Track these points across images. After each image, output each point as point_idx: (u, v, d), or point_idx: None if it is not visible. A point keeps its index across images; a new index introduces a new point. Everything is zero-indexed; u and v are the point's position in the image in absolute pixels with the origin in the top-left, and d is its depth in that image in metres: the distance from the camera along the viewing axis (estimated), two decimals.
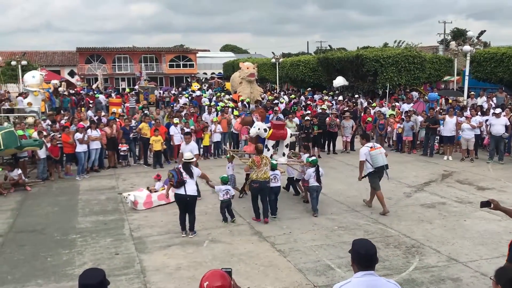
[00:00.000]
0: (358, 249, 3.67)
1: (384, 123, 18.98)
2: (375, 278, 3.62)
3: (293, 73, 37.07)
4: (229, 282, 3.26)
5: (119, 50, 62.80)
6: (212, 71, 66.71)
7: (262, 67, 41.15)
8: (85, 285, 3.30)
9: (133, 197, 11.26)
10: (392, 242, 9.01)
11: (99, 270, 3.48)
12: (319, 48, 73.27)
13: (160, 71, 63.36)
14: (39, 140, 14.14)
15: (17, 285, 7.47)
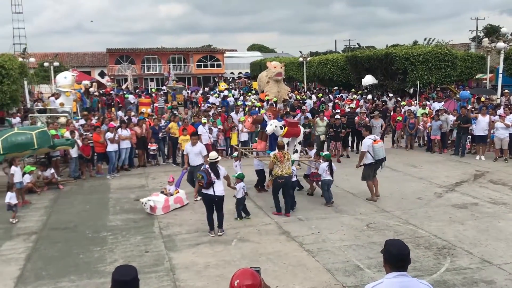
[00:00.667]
0: (391, 250, 3.62)
1: (414, 122, 18.66)
2: (408, 279, 3.57)
3: (320, 72, 36.85)
4: (259, 281, 3.25)
5: (148, 51, 63.67)
6: (239, 70, 66.95)
7: (290, 66, 41.04)
8: (119, 281, 3.33)
9: (152, 203, 11.05)
10: (422, 243, 8.86)
11: (131, 267, 3.52)
12: (347, 47, 72.65)
13: (188, 71, 63.92)
14: (71, 140, 14.46)
15: (52, 281, 7.66)
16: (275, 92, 25.04)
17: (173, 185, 11.71)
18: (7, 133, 13.28)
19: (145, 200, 11.19)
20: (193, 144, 12.16)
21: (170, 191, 11.62)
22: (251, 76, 56.19)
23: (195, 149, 12.03)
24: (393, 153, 18.23)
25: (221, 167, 9.76)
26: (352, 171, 15.04)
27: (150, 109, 25.04)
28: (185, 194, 11.71)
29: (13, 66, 18.00)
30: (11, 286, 7.53)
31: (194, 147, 12.07)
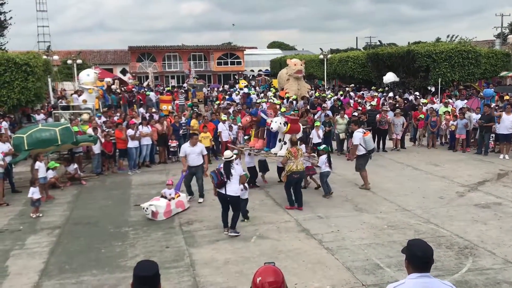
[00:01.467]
0: (415, 251, 3.57)
1: (436, 120, 18.42)
2: (431, 280, 3.54)
3: (341, 69, 36.62)
4: (282, 277, 3.25)
5: (169, 49, 64.13)
6: (259, 68, 66.92)
7: (310, 64, 40.88)
8: (141, 277, 3.37)
9: (154, 208, 10.51)
10: (444, 242, 8.75)
11: (153, 262, 3.55)
12: (369, 44, 71.98)
13: (208, 69, 64.20)
14: (94, 136, 14.69)
15: (74, 275, 7.81)
16: (295, 90, 24.94)
17: (172, 189, 11.22)
18: (31, 129, 13.55)
19: (146, 205, 10.64)
20: (193, 145, 11.66)
21: (171, 195, 11.08)
22: (271, 73, 56.15)
23: (196, 149, 11.65)
24: (415, 151, 18.04)
25: (238, 166, 9.71)
26: (372, 170, 14.93)
27: (171, 107, 25.22)
28: (186, 198, 11.43)
29: (38, 63, 18.32)
30: (35, 279, 7.70)
31: (194, 147, 11.64)
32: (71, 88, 36.29)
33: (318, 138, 16.03)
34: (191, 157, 11.59)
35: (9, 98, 16.98)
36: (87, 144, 14.77)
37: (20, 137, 13.06)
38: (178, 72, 62.00)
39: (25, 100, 17.56)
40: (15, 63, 17.01)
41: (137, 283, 3.37)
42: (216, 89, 38.12)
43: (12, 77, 16.91)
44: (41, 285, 7.47)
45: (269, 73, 58.83)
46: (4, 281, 7.66)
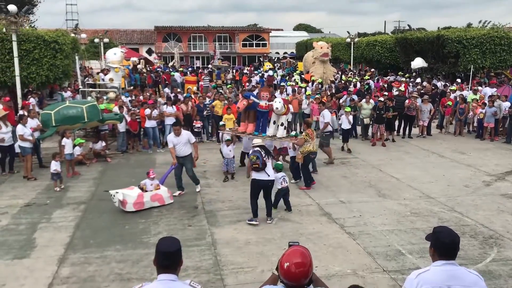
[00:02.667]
0: (442, 237, 3.51)
1: (464, 107, 18.02)
2: (456, 268, 3.48)
3: (368, 54, 36.04)
4: (310, 260, 3.21)
5: (194, 29, 64.09)
6: (284, 50, 66.39)
7: (336, 47, 40.32)
8: (164, 253, 3.41)
9: (122, 196, 9.73)
10: (468, 231, 8.63)
11: (175, 238, 3.58)
12: (397, 28, 70.50)
13: (233, 50, 63.99)
14: (120, 115, 14.86)
15: (99, 249, 7.98)
16: (320, 73, 24.74)
17: (154, 180, 10.41)
18: (59, 106, 13.78)
19: (113, 192, 9.89)
20: (177, 134, 10.77)
21: (152, 185, 10.32)
22: (297, 56, 55.65)
23: (181, 139, 10.75)
24: (441, 138, 17.74)
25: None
26: (397, 156, 14.80)
27: (195, 87, 25.29)
28: (168, 192, 10.41)
29: (66, 41, 18.54)
30: (61, 251, 7.90)
31: (180, 137, 10.76)
32: (97, 66, 36.72)
33: (348, 124, 15.57)
34: (177, 147, 10.76)
35: (38, 75, 17.25)
36: (113, 122, 14.96)
37: (48, 113, 13.30)
38: (203, 53, 62.00)
39: (53, 77, 17.83)
40: (44, 41, 17.24)
41: (160, 258, 3.41)
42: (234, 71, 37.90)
43: (41, 54, 17.16)
44: (67, 258, 7.66)
45: (294, 55, 58.32)
46: (32, 253, 7.89)
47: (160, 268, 3.42)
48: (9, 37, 16.14)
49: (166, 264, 3.41)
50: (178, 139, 10.75)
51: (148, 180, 10.35)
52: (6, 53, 16.48)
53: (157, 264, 3.44)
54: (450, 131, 18.83)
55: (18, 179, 12.37)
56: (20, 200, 10.67)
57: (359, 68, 41.67)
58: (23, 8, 17.80)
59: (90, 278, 6.99)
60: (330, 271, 7.12)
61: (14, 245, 8.19)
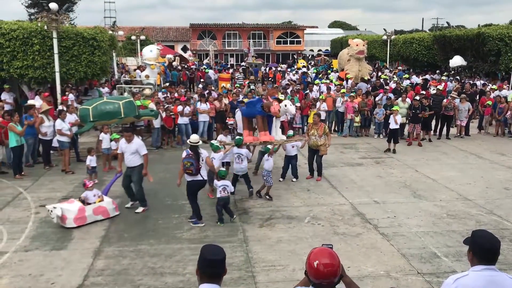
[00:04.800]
0: (482, 242, 3.40)
1: (504, 107, 17.43)
2: (497, 273, 3.37)
3: (405, 51, 35.32)
4: (338, 261, 3.17)
5: (229, 27, 64.31)
6: (319, 48, 65.85)
7: (372, 44, 39.67)
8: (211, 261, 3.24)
9: (60, 212, 8.75)
10: (507, 235, 8.35)
11: (220, 247, 3.40)
12: (435, 25, 68.90)
13: (267, 48, 63.92)
14: (155, 111, 15.07)
15: (133, 243, 8.13)
16: (355, 71, 24.41)
17: (92, 191, 9.34)
18: (97, 101, 14.07)
19: (50, 208, 8.95)
20: (128, 141, 9.69)
21: (89, 199, 9.27)
22: (331, 53, 55.07)
23: (131, 147, 9.61)
24: (480, 139, 17.23)
25: (203, 150, 9.31)
26: (434, 156, 14.48)
27: (229, 85, 25.41)
28: (113, 204, 9.46)
29: (104, 38, 18.90)
30: (96, 244, 8.08)
31: (130, 145, 9.63)
32: (133, 63, 37.33)
33: (395, 123, 15.00)
34: (125, 156, 9.71)
35: (77, 71, 17.67)
36: (149, 118, 15.18)
37: (86, 108, 13.60)
38: (237, 50, 62.15)
39: (91, 73, 18.23)
40: (83, 38, 17.64)
41: (206, 266, 3.23)
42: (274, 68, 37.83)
43: (80, 51, 17.56)
44: (102, 251, 7.83)
45: (329, 53, 57.73)
46: (69, 244, 8.10)
47: (204, 277, 3.24)
48: (50, 34, 16.60)
49: (212, 273, 3.23)
50: (128, 147, 9.62)
51: (89, 192, 9.28)
52: (47, 50, 16.94)
53: (201, 272, 3.25)
54: (490, 131, 18.26)
55: (56, 173, 12.72)
56: (58, 193, 10.97)
57: (396, 66, 40.91)
58: (63, 6, 18.26)
59: (124, 271, 7.12)
60: (363, 272, 7.02)
61: (52, 236, 8.42)
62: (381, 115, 16.87)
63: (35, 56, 16.78)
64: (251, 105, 11.58)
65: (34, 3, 46.90)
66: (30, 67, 16.83)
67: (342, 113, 17.77)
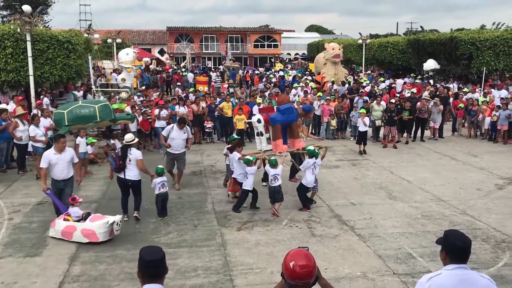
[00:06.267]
0: (454, 241, 3.49)
1: (476, 110, 17.85)
2: (468, 272, 3.46)
3: (380, 55, 35.86)
4: (314, 262, 3.22)
5: (206, 30, 64.31)
6: (296, 51, 66.32)
7: (348, 48, 40.15)
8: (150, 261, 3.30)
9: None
10: (480, 235, 8.55)
11: (158, 247, 3.49)
12: (409, 30, 70.08)
13: (244, 51, 64.08)
14: (131, 114, 14.96)
15: (110, 248, 8.04)
16: (332, 74, 24.68)
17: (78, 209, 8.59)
18: (72, 105, 13.90)
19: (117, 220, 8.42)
20: (60, 151, 8.72)
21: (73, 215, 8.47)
22: (308, 57, 55.51)
23: (65, 157, 8.77)
24: (453, 141, 17.60)
25: (135, 151, 9.37)
26: (408, 158, 14.71)
27: (207, 88, 25.38)
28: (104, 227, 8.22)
29: (79, 41, 18.69)
30: (72, 250, 7.97)
31: (63, 154, 8.73)
32: (110, 66, 36.96)
33: (364, 126, 15.50)
34: (58, 168, 8.74)
35: (52, 75, 17.41)
36: (125, 122, 15.06)
37: (61, 112, 13.42)
38: (215, 53, 62.17)
39: (66, 76, 17.99)
40: (58, 41, 17.40)
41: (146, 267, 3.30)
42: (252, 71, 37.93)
43: (54, 54, 17.31)
44: (78, 256, 7.73)
45: (306, 57, 58.20)
46: (43, 251, 7.97)
47: (146, 277, 3.30)
48: (23, 37, 16.33)
49: (152, 273, 3.29)
50: (61, 157, 8.70)
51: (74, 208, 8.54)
52: (20, 53, 16.66)
53: (142, 273, 3.31)
54: (463, 133, 18.67)
55: (31, 178, 12.50)
56: (33, 198, 10.78)
57: (371, 69, 41.48)
58: (37, 8, 17.99)
59: (100, 276, 7.05)
60: (340, 273, 7.10)
61: (26, 243, 8.27)
62: (357, 118, 17.08)
63: (8, 59, 16.49)
64: (289, 111, 10.98)
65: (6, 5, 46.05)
66: (3, 70, 16.53)
67: (318, 116, 17.92)
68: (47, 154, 8.76)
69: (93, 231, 8.19)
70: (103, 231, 8.20)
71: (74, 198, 8.64)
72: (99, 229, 8.19)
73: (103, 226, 8.22)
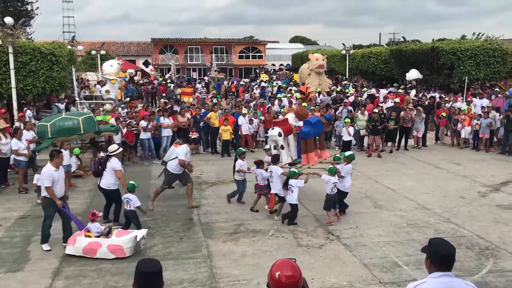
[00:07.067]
0: (439, 249, 3.52)
1: (458, 118, 18.10)
2: (452, 280, 3.48)
3: (363, 65, 36.26)
4: (300, 273, 3.22)
5: (191, 41, 64.35)
6: (280, 62, 66.69)
7: (332, 59, 40.55)
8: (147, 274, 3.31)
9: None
10: (464, 242, 8.63)
11: (155, 260, 3.49)
12: (392, 40, 71.03)
13: (229, 62, 64.23)
14: (116, 126, 14.86)
15: (94, 262, 7.89)
16: (316, 85, 24.86)
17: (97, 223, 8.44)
18: (55, 118, 13.76)
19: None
20: (58, 166, 8.45)
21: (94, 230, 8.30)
22: (293, 68, 55.87)
23: (62, 173, 8.58)
24: (437, 150, 17.81)
25: (113, 160, 9.35)
26: (393, 167, 14.82)
27: (192, 99, 25.35)
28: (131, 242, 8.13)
29: (63, 53, 18.56)
30: (56, 264, 7.85)
31: (60, 171, 8.51)
32: (94, 78, 36.75)
33: (348, 135, 15.73)
34: (60, 185, 8.46)
35: (34, 87, 17.23)
36: (109, 134, 14.94)
37: (44, 125, 13.26)
38: (200, 64, 62.20)
39: (49, 89, 17.82)
40: (41, 53, 17.26)
41: (141, 280, 3.30)
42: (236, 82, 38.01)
43: (37, 66, 17.16)
44: (62, 271, 7.61)
45: (290, 67, 58.54)
46: (26, 266, 7.83)
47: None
48: (5, 49, 16.17)
49: (148, 286, 3.30)
50: (59, 174, 8.42)
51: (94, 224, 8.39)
52: (2, 65, 16.48)
53: (138, 286, 3.31)
54: (446, 142, 18.90)
55: (13, 192, 12.32)
56: (15, 212, 10.62)
57: (355, 80, 41.88)
58: (20, 20, 17.85)
59: None
60: (327, 283, 7.09)
61: (8, 258, 8.13)
62: (341, 128, 17.21)
63: None
64: (318, 123, 11.40)
65: None
66: None
67: None
68: (49, 172, 8.25)
69: (121, 246, 8.02)
70: (130, 246, 8.08)
71: (94, 213, 8.43)
72: (127, 244, 8.05)
73: (131, 241, 8.09)
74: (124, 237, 8.16)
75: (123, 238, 8.12)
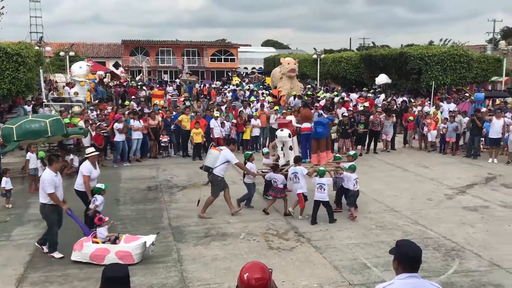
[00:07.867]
0: (406, 251, 3.59)
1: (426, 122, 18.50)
2: (419, 281, 3.55)
3: (334, 70, 36.71)
4: (269, 275, 3.24)
5: (162, 43, 63.91)
6: (253, 65, 66.88)
7: (303, 63, 40.92)
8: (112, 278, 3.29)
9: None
10: (431, 244, 8.81)
11: (123, 265, 3.48)
12: (362, 45, 72.19)
13: (201, 65, 64.04)
14: (84, 129, 14.60)
15: (61, 267, 7.75)
16: (288, 88, 24.97)
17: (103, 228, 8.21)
18: (21, 120, 13.43)
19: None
20: (56, 171, 8.26)
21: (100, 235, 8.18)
22: (265, 71, 56.10)
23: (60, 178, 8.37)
24: (405, 153, 18.14)
25: (84, 164, 9.26)
26: (362, 170, 14.99)
27: (163, 101, 25.13)
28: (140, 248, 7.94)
29: (29, 54, 18.16)
30: (20, 270, 7.64)
31: (58, 176, 8.30)
32: (63, 80, 36.03)
33: None
34: (60, 190, 8.30)
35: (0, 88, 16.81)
36: (78, 137, 14.68)
37: (9, 127, 12.92)
38: (171, 67, 61.82)
39: (15, 90, 17.39)
40: (6, 53, 16.84)
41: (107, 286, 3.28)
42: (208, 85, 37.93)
43: (2, 67, 16.74)
44: (27, 277, 7.42)
45: (262, 71, 58.76)
46: None
47: None
48: None
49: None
50: (58, 179, 8.23)
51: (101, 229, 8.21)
52: None
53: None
54: (414, 145, 19.28)
55: None
56: None
57: (325, 83, 42.35)
58: None
59: None
60: (297, 285, 7.13)
61: None
62: None
63: None
64: (327, 125, 11.99)
65: None
66: None
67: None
68: (50, 178, 7.96)
69: (130, 252, 7.83)
70: (139, 252, 7.90)
71: (101, 218, 8.22)
72: (136, 250, 7.87)
73: (140, 247, 7.91)
74: (133, 243, 7.98)
75: (132, 244, 7.94)
